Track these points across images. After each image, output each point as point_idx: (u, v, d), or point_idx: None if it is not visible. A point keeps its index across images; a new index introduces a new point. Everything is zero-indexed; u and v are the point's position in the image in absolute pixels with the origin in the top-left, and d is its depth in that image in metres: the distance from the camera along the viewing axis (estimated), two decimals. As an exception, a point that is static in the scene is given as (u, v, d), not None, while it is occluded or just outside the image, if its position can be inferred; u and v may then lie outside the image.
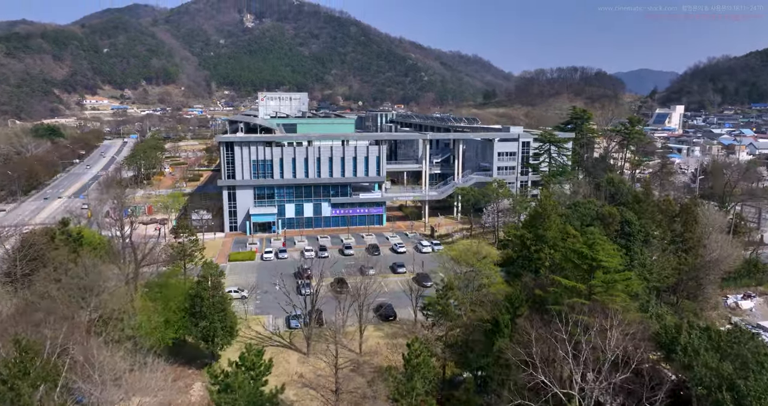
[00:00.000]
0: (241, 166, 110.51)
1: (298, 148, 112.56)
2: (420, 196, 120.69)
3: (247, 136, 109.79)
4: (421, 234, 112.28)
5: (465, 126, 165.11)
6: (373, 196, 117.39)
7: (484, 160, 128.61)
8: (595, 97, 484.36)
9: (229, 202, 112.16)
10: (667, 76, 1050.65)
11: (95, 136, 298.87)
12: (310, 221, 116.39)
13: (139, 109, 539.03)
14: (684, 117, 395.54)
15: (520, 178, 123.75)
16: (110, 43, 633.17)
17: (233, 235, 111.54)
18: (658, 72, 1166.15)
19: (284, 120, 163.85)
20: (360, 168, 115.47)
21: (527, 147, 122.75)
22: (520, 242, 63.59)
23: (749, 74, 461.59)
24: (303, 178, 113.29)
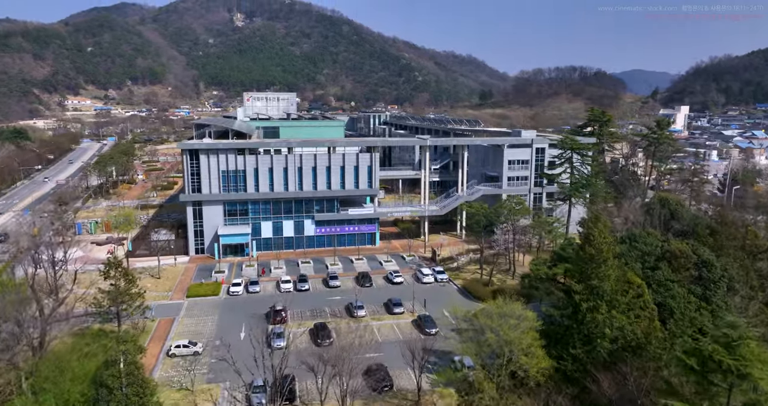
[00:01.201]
0: (208, 177, 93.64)
1: (276, 157, 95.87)
2: (419, 211, 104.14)
3: (215, 143, 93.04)
4: (420, 257, 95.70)
5: (466, 129, 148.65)
6: (364, 212, 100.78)
7: (491, 168, 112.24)
8: (594, 98, 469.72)
9: (194, 220, 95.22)
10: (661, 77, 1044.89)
11: (69, 139, 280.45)
12: (290, 242, 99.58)
13: (124, 110, 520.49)
14: (687, 118, 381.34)
15: (533, 189, 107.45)
16: (95, 42, 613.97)
17: (199, 259, 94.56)
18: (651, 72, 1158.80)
19: (265, 123, 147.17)
20: (349, 179, 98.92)
21: (542, 154, 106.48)
22: (564, 295, 46.91)
23: (753, 74, 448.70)
24: (282, 191, 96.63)
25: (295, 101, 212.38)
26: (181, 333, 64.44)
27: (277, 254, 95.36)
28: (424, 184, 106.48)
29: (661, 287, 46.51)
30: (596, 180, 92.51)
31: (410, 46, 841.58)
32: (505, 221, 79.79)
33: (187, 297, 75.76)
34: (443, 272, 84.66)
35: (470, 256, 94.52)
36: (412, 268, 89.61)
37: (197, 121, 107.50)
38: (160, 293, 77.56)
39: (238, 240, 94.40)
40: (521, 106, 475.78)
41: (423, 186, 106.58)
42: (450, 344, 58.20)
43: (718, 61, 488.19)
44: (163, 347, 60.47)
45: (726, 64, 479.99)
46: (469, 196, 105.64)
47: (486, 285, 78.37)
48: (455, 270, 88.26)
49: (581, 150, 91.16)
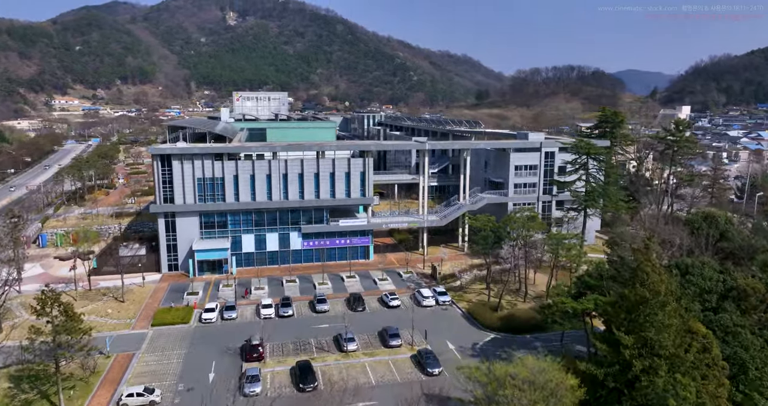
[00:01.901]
0: (181, 186, 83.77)
1: (258, 162, 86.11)
2: (417, 221, 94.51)
3: (190, 147, 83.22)
4: (419, 274, 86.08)
5: (466, 130, 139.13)
6: (356, 224, 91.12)
7: (495, 173, 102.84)
8: (592, 98, 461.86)
9: (166, 233, 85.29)
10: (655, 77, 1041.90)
11: (51, 141, 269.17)
12: (274, 257, 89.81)
13: (113, 110, 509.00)
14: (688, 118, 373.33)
15: (542, 197, 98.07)
16: (83, 41, 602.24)
17: (172, 277, 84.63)
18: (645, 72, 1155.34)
19: (252, 124, 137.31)
20: (339, 186, 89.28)
21: (551, 159, 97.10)
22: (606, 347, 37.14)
23: (754, 73, 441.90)
24: (265, 201, 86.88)
25: (286, 101, 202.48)
26: (140, 374, 54.56)
27: (258, 270, 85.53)
28: (422, 191, 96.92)
29: (729, 335, 37.18)
30: (614, 188, 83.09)
31: (405, 46, 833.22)
32: (517, 238, 70.17)
33: (153, 325, 65.82)
34: (445, 293, 75.03)
35: (475, 273, 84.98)
36: (410, 287, 80.00)
37: (171, 123, 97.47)
38: (122, 320, 67.66)
39: (215, 256, 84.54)
40: (518, 106, 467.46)
41: (421, 194, 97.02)
42: (456, 387, 48.84)
43: (717, 61, 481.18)
44: (114, 394, 50.61)
45: (726, 63, 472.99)
46: (471, 205, 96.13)
47: (494, 310, 68.85)
48: (458, 290, 78.66)
49: (597, 155, 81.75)
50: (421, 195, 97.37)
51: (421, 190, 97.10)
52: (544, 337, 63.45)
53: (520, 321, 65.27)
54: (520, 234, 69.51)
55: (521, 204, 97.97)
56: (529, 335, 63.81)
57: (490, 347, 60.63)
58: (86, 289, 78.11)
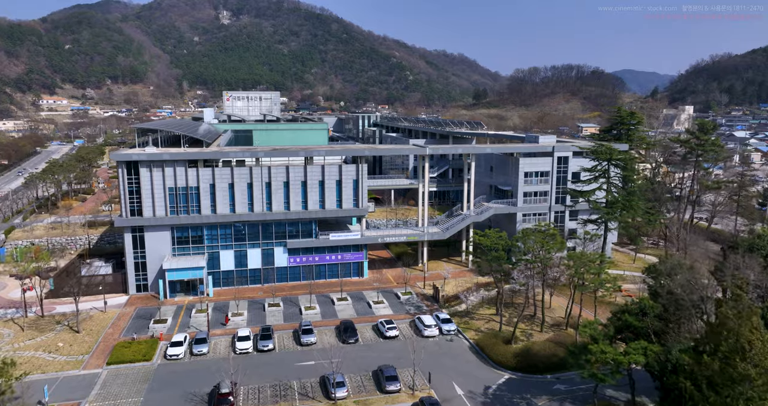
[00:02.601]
0: (151, 196, 74.04)
1: (238, 169, 76.44)
2: (417, 234, 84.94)
3: (159, 153, 73.48)
4: (419, 296, 76.52)
5: (468, 132, 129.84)
6: (348, 237, 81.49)
7: (502, 180, 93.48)
8: (592, 97, 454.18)
9: (134, 250, 75.49)
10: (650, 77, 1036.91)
11: (32, 142, 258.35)
12: (256, 275, 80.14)
13: (103, 110, 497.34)
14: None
15: (554, 207, 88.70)
16: (73, 39, 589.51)
17: (140, 299, 74.88)
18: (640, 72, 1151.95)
19: (237, 125, 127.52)
20: (330, 196, 79.74)
21: (564, 164, 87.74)
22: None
23: (756, 73, 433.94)
24: (246, 212, 77.24)
25: (278, 101, 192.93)
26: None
27: (237, 291, 75.82)
28: (422, 200, 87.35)
29: None
30: (638, 199, 73.67)
31: (401, 45, 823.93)
32: (534, 260, 60.61)
33: (108, 364, 55.98)
34: (450, 320, 65.44)
35: (482, 293, 75.56)
36: (409, 312, 70.44)
37: (140, 126, 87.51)
38: (73, 357, 57.84)
39: (189, 275, 74.75)
40: (517, 106, 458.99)
41: (421, 203, 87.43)
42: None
43: (719, 60, 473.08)
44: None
45: (727, 63, 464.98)
46: (477, 215, 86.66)
47: (508, 342, 59.36)
48: (464, 315, 69.11)
49: (619, 161, 72.32)
50: (421, 204, 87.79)
51: (421, 198, 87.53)
52: (566, 377, 53.98)
53: (540, 358, 55.78)
54: (538, 256, 59.98)
55: (531, 215, 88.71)
56: (550, 376, 54.30)
57: (506, 392, 51.11)
58: (39, 315, 68.30)
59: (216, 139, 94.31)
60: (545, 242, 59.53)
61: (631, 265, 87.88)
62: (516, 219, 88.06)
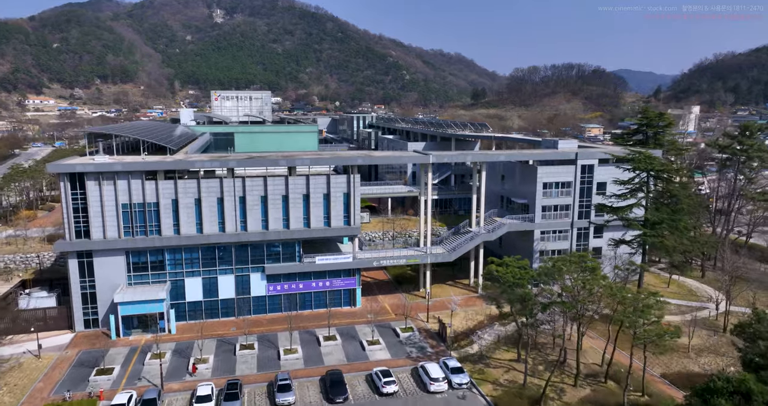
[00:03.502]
0: (100, 215, 61.66)
1: (206, 182, 64.17)
2: (419, 256, 72.70)
3: (110, 163, 61.15)
4: (422, 332, 64.28)
5: (473, 135, 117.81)
6: (338, 261, 69.26)
7: (515, 191, 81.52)
8: (593, 97, 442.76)
9: (81, 278, 63.08)
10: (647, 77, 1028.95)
11: (10, 144, 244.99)
12: (229, 307, 67.75)
13: (91, 110, 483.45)
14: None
15: (576, 223, 76.61)
16: (61, 38, 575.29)
17: (88, 338, 62.45)
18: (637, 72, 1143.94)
19: (217, 128, 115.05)
20: (316, 213, 67.55)
21: (589, 173, 75.66)
22: None
23: (761, 71, 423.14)
24: (216, 233, 64.96)
25: (269, 100, 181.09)
26: None
27: (204, 326, 63.39)
28: (423, 214, 75.07)
29: None
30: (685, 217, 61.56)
31: (397, 44, 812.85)
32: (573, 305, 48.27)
33: (26, 438, 43.69)
34: (461, 369, 53.14)
35: (497, 329, 63.46)
36: (410, 356, 58.21)
37: (92, 129, 74.88)
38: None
39: (146, 309, 62.32)
40: (516, 106, 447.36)
41: (422, 218, 75.12)
42: None
43: (722, 59, 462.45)
44: None
45: (731, 61, 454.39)
46: (488, 234, 74.52)
47: (536, 404, 47.17)
48: (478, 360, 56.90)
49: (664, 172, 60.21)
50: (422, 219, 75.47)
51: (423, 212, 75.24)
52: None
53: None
54: (578, 298, 47.71)
55: (551, 232, 76.64)
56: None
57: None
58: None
59: (186, 145, 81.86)
60: (587, 282, 47.35)
61: (665, 290, 75.85)
62: (533, 237, 76.02)
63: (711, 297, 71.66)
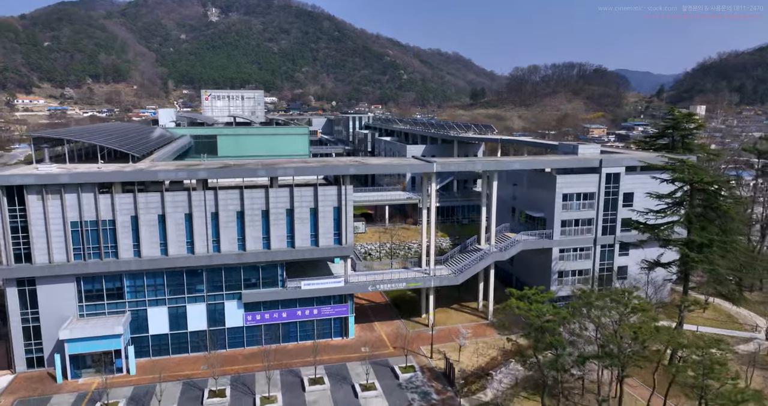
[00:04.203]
0: (44, 235, 52.04)
1: (172, 196, 54.59)
2: (421, 279, 63.19)
3: (55, 174, 51.57)
4: (425, 371, 54.79)
5: (477, 137, 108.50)
6: (327, 286, 59.74)
7: (530, 203, 72.14)
8: (595, 97, 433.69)
9: (22, 309, 53.41)
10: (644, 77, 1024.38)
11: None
12: (200, 340, 58.06)
13: (82, 110, 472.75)
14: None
15: (600, 239, 67.19)
16: (52, 37, 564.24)
17: (30, 380, 52.80)
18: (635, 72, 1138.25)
19: (198, 130, 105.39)
20: (301, 230, 58.09)
21: (615, 183, 66.27)
22: None
23: (765, 70, 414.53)
24: (184, 254, 55.41)
25: (262, 100, 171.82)
26: None
27: (170, 364, 53.71)
28: (426, 231, 65.51)
29: None
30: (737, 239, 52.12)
31: (394, 43, 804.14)
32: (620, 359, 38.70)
33: None
34: (474, 426, 43.72)
35: (513, 367, 53.98)
36: (412, 405, 48.72)
37: (38, 133, 64.66)
38: None
39: (100, 346, 52.67)
40: (516, 105, 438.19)
41: (425, 233, 65.56)
42: None
43: (726, 58, 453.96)
44: None
45: (735, 60, 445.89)
46: (500, 252, 65.04)
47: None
48: (493, 411, 47.48)
49: (714, 184, 50.75)
50: (424, 236, 65.89)
51: (425, 228, 65.69)
52: None
53: None
54: (624, 353, 38.08)
55: (571, 250, 67.23)
56: None
57: None
58: None
59: (155, 150, 72.05)
60: (639, 331, 37.86)
61: (701, 316, 66.52)
62: (551, 256, 66.58)
63: (756, 325, 62.38)
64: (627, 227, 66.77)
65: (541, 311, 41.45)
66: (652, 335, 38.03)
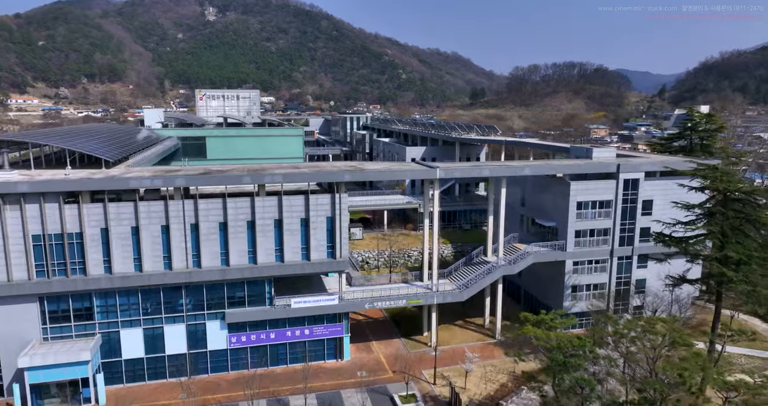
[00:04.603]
0: (2, 250, 46.56)
1: (146, 205, 49.13)
2: (423, 296, 57.75)
3: (14, 182, 46.01)
4: (428, 402, 49.33)
5: (481, 139, 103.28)
6: (319, 304, 54.26)
7: (540, 211, 66.79)
8: (596, 97, 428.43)
9: (-21, 333, 47.97)
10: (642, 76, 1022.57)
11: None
12: (180, 364, 52.48)
13: (77, 110, 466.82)
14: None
15: (617, 251, 61.81)
16: (47, 36, 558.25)
17: (-13, 413, 47.45)
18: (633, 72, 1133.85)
19: (186, 131, 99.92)
20: (291, 243, 52.66)
21: (633, 189, 60.89)
22: None
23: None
24: (161, 271, 49.95)
25: (258, 100, 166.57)
26: None
27: (145, 392, 48.24)
28: (428, 243, 60.03)
29: None
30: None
31: (393, 43, 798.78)
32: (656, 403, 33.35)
33: None
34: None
35: (525, 395, 48.55)
36: (414, 443, 43.30)
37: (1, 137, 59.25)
38: None
39: (64, 374, 47.23)
40: (517, 105, 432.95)
41: (427, 244, 60.08)
42: None
43: (728, 57, 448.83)
44: None
45: (737, 60, 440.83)
46: (509, 266, 59.62)
47: None
48: (505, 450, 42.05)
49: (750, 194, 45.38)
50: (426, 245, 60.42)
51: (427, 236, 60.21)
52: None
53: None
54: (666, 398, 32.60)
55: (586, 262, 61.87)
56: None
57: None
58: None
59: (133, 155, 66.48)
60: (685, 373, 32.31)
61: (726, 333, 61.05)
62: (564, 269, 61.18)
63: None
64: (645, 237, 61.61)
65: (563, 343, 36.00)
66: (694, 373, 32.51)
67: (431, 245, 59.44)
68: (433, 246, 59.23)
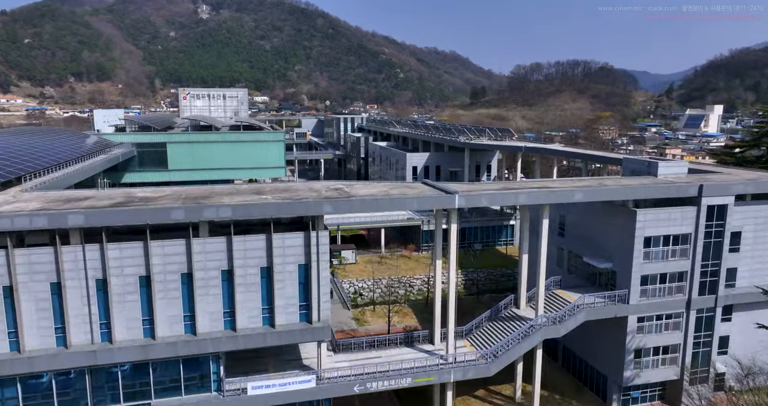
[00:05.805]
0: None
1: (25, 254, 32.82)
2: (435, 372, 41.49)
3: None
4: None
5: (495, 144, 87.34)
6: (289, 389, 37.93)
7: (588, 246, 50.62)
8: (601, 96, 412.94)
9: None
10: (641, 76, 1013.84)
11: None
12: None
13: (62, 110, 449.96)
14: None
15: (696, 301, 45.73)
16: (33, 33, 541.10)
17: None
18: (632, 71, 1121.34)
19: (144, 136, 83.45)
20: (246, 303, 36.40)
21: (719, 219, 44.85)
22: None
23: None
24: (52, 348, 33.60)
25: (246, 99, 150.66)
26: None
27: None
28: (440, 293, 43.80)
29: None
30: None
31: (390, 42, 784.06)
32: None
33: None
34: None
35: None
36: None
37: None
38: None
39: None
40: (519, 105, 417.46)
41: (438, 304, 43.81)
42: None
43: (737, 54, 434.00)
44: None
45: (746, 58, 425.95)
46: (553, 327, 43.41)
47: None
48: None
49: None
50: (439, 294, 44.04)
51: (439, 281, 43.90)
52: None
53: None
54: None
55: (654, 318, 45.72)
56: None
57: None
58: None
59: (54, 169, 49.94)
60: None
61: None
62: (626, 327, 45.01)
63: None
64: (731, 281, 45.64)
65: None
66: None
67: (446, 293, 43.23)
68: (449, 296, 42.99)
